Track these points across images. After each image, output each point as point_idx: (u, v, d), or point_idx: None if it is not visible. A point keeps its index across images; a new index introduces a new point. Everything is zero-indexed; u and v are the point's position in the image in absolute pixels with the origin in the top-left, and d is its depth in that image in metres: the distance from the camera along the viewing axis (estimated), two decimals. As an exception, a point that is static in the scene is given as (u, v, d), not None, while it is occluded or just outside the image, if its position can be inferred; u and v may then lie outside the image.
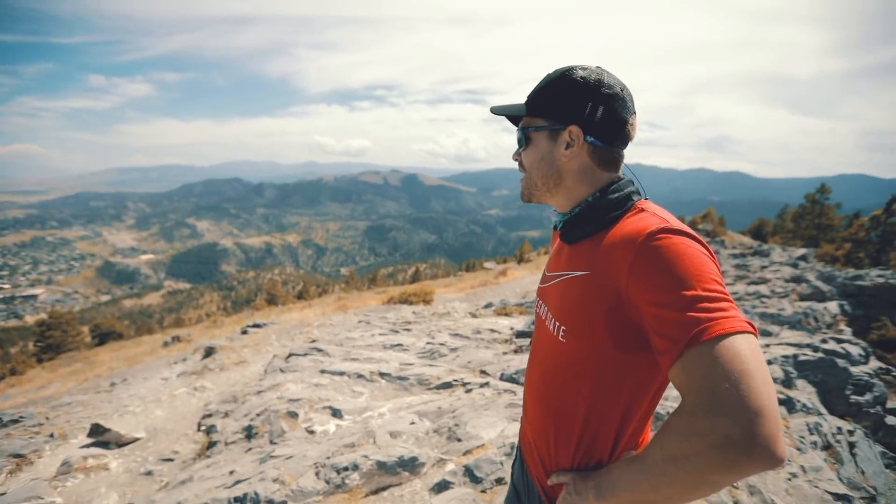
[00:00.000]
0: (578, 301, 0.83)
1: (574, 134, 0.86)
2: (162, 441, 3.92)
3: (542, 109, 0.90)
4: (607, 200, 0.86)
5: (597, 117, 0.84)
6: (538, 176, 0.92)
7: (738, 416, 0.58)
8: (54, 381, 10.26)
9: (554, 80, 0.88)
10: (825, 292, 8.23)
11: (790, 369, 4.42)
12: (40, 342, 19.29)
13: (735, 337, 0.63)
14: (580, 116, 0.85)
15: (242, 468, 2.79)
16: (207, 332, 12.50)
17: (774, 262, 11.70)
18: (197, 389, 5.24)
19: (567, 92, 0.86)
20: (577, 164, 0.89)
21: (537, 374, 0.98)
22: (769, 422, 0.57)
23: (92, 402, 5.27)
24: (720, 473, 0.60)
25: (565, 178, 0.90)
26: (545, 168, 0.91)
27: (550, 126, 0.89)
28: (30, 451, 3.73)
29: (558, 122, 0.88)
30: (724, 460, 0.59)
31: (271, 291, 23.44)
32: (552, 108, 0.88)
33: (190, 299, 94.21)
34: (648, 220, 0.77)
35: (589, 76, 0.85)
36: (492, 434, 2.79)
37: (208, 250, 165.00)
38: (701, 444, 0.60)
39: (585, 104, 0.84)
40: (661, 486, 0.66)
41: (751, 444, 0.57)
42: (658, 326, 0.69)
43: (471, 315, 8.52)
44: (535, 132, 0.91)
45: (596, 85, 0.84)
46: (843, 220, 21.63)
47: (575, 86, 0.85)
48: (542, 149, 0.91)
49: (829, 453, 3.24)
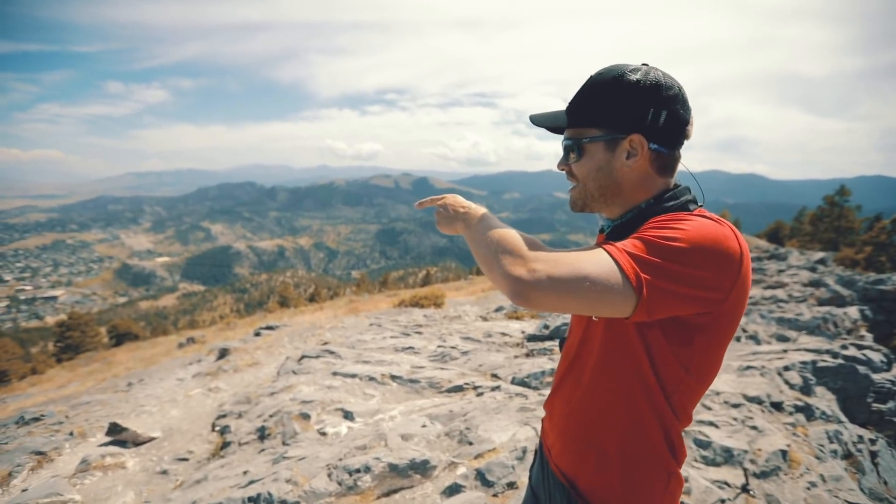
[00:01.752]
0: None
1: (636, 143, 0.82)
2: (177, 441, 3.99)
3: (596, 118, 0.84)
4: (662, 209, 0.83)
5: (660, 123, 0.80)
6: (594, 187, 0.87)
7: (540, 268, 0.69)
8: (73, 380, 10.50)
9: (605, 85, 0.82)
10: (845, 297, 8.04)
11: (809, 376, 4.32)
12: (60, 342, 19.76)
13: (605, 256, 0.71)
14: (642, 124, 0.80)
15: (256, 468, 2.82)
16: (221, 334, 12.67)
17: (792, 266, 11.46)
18: (211, 390, 5.31)
19: (624, 98, 0.80)
20: (638, 173, 0.84)
21: (567, 365, 0.99)
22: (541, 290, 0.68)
23: (110, 401, 5.38)
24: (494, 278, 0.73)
25: (624, 188, 0.86)
26: (603, 179, 0.86)
27: (608, 136, 0.83)
28: (50, 448, 3.82)
29: (617, 130, 0.82)
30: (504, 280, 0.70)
31: (283, 294, 23.69)
32: (608, 117, 0.83)
33: (204, 301, 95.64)
34: None
35: (645, 78, 0.80)
36: (503, 438, 2.78)
37: (222, 253, 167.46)
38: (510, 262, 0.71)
39: (647, 110, 0.80)
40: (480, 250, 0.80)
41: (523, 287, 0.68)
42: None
43: (482, 318, 8.50)
44: (591, 143, 0.85)
45: (655, 88, 0.79)
46: (863, 222, 21.12)
47: (632, 90, 0.80)
48: (598, 159, 0.85)
49: (850, 462, 3.16)
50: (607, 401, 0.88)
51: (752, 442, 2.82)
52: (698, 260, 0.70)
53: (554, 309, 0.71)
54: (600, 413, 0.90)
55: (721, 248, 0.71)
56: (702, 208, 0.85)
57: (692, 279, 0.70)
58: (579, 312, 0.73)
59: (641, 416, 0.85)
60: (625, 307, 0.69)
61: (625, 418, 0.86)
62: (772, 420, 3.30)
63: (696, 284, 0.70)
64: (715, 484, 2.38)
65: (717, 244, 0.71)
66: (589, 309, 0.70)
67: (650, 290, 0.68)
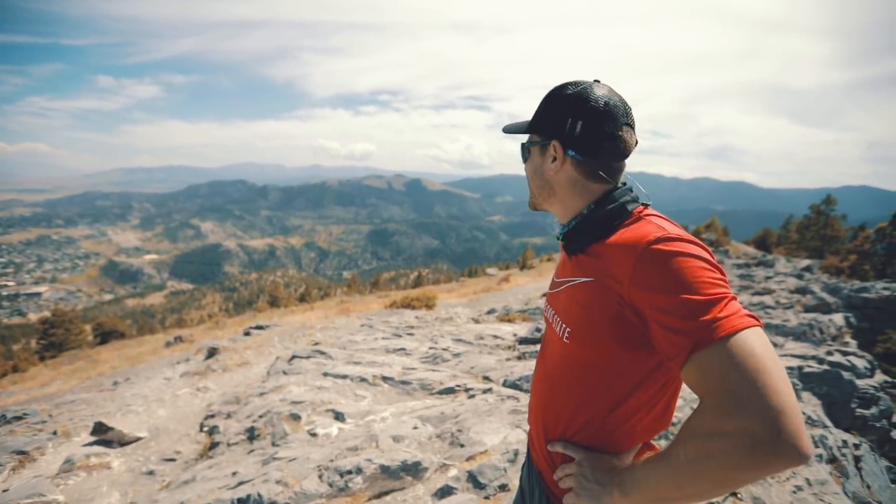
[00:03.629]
0: (582, 306, 0.87)
1: (554, 149, 0.90)
2: (164, 441, 3.93)
3: (536, 125, 0.94)
4: (603, 212, 0.88)
5: (576, 132, 0.86)
6: (534, 187, 0.99)
7: (761, 416, 0.59)
8: (56, 378, 10.29)
9: (547, 96, 0.92)
10: (830, 304, 8.18)
11: (795, 381, 4.39)
12: (43, 340, 19.36)
13: (744, 333, 0.64)
14: (561, 131, 0.88)
15: (245, 469, 2.79)
16: (210, 333, 12.52)
17: (779, 273, 11.64)
18: (200, 390, 5.25)
19: (553, 108, 0.89)
20: (563, 177, 0.92)
21: (542, 374, 1.02)
22: (792, 418, 0.58)
23: (95, 400, 5.29)
24: (747, 472, 0.61)
25: (557, 191, 0.94)
26: (538, 180, 0.96)
27: (541, 141, 0.93)
28: (33, 448, 3.74)
29: (546, 137, 0.92)
30: (751, 460, 0.60)
31: (273, 293, 23.46)
32: (542, 124, 0.92)
33: (192, 300, 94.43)
34: (646, 228, 0.80)
35: (575, 91, 0.87)
36: (495, 440, 2.79)
37: (212, 251, 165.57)
38: (726, 445, 0.61)
39: (566, 119, 0.87)
40: (687, 485, 0.67)
41: (776, 442, 0.58)
42: (663, 333, 0.71)
43: (473, 321, 8.50)
44: (531, 146, 0.96)
45: (577, 100, 0.86)
46: (848, 231, 21.54)
47: (560, 101, 0.88)
48: (535, 162, 0.96)
49: (835, 467, 3.21)
50: (576, 395, 0.91)
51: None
52: (713, 277, 0.72)
53: None
54: (570, 405, 0.92)
55: (701, 261, 0.74)
56: (644, 206, 0.89)
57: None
58: None
59: (602, 415, 0.88)
60: None
61: (595, 412, 0.89)
62: (759, 424, 3.34)
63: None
64: (704, 487, 2.40)
65: (698, 262, 0.73)
66: None
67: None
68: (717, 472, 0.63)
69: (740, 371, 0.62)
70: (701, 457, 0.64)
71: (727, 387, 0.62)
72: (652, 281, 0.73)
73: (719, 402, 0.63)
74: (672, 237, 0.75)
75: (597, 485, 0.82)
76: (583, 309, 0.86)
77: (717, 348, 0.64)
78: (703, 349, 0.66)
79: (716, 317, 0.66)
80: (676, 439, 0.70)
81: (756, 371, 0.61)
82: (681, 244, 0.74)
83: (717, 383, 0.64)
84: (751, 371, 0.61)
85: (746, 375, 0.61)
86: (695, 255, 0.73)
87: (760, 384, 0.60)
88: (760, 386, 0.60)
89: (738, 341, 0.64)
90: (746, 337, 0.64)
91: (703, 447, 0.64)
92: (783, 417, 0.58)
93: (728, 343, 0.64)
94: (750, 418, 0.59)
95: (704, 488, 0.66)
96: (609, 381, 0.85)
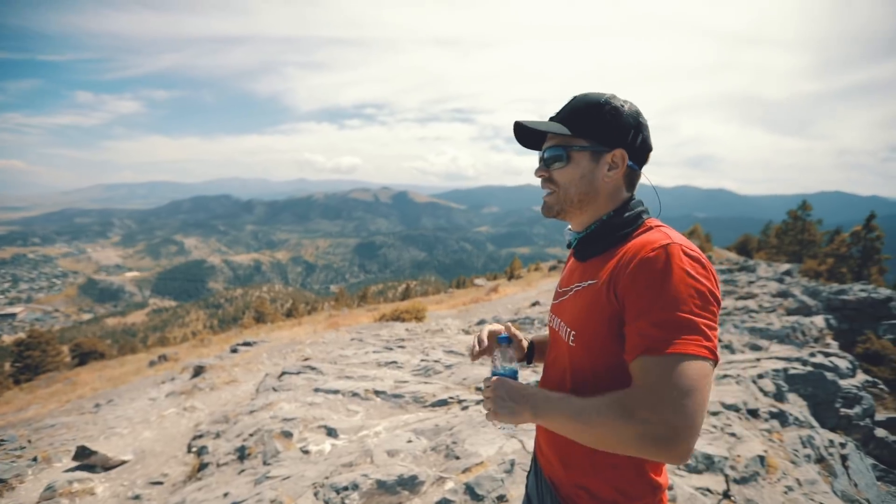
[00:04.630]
0: (587, 308, 0.91)
1: (619, 157, 0.94)
2: (151, 463, 3.81)
3: (586, 130, 0.95)
4: (621, 219, 0.95)
5: (637, 144, 0.95)
6: (575, 193, 0.97)
7: (670, 423, 0.73)
8: (34, 402, 9.91)
9: (594, 104, 0.95)
10: (811, 307, 8.39)
11: (781, 383, 4.48)
12: (18, 363, 18.66)
13: (693, 361, 0.75)
14: (624, 142, 0.94)
15: (237, 490, 2.73)
16: (195, 351, 12.24)
17: (761, 278, 11.91)
18: (187, 410, 5.12)
19: (613, 118, 0.94)
20: (612, 184, 0.97)
21: (552, 380, 1.04)
22: (691, 436, 0.73)
23: (76, 423, 5.11)
24: (635, 450, 0.76)
25: (599, 197, 0.97)
26: (584, 186, 0.96)
27: (594, 147, 0.95)
28: (11, 475, 3.59)
29: (604, 144, 0.94)
30: (641, 444, 0.75)
31: (259, 309, 23.08)
32: (598, 131, 0.94)
33: (175, 317, 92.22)
34: (656, 236, 0.86)
35: (629, 107, 0.95)
36: (490, 451, 2.78)
37: (195, 267, 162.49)
38: (631, 429, 0.76)
39: (629, 131, 0.94)
40: (584, 434, 0.82)
41: (669, 445, 0.73)
42: (630, 330, 0.81)
43: (464, 332, 8.49)
44: (579, 151, 0.96)
45: (636, 115, 0.95)
46: (824, 235, 22.19)
47: (620, 113, 0.94)
48: (583, 167, 0.96)
49: (823, 466, 3.27)
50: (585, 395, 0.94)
51: (732, 448, 2.90)
52: (698, 297, 0.79)
53: None
54: None
55: (696, 277, 0.80)
56: (654, 218, 0.97)
57: (715, 308, 0.82)
58: None
59: None
60: None
61: None
62: (749, 427, 3.40)
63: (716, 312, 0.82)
64: (698, 491, 2.43)
65: (692, 278, 0.79)
66: None
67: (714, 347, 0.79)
68: (611, 438, 0.78)
69: (672, 385, 0.74)
70: (606, 425, 0.78)
71: (658, 389, 0.75)
72: (643, 284, 0.79)
73: (646, 395, 0.76)
74: (678, 249, 0.80)
75: (512, 402, 0.91)
76: (587, 311, 0.90)
77: (665, 360, 0.76)
78: (653, 355, 0.77)
79: (676, 336, 0.76)
80: (593, 399, 0.82)
81: (684, 390, 0.74)
82: (683, 257, 0.79)
83: (650, 385, 0.76)
84: (680, 389, 0.74)
85: (675, 391, 0.74)
86: (690, 272, 0.78)
87: (683, 402, 0.73)
88: (682, 403, 0.73)
89: (683, 363, 0.75)
90: (691, 362, 0.75)
91: (613, 419, 0.78)
92: (689, 431, 0.72)
93: (675, 360, 0.75)
94: (662, 421, 0.73)
95: (593, 441, 0.82)
96: (616, 382, 0.87)
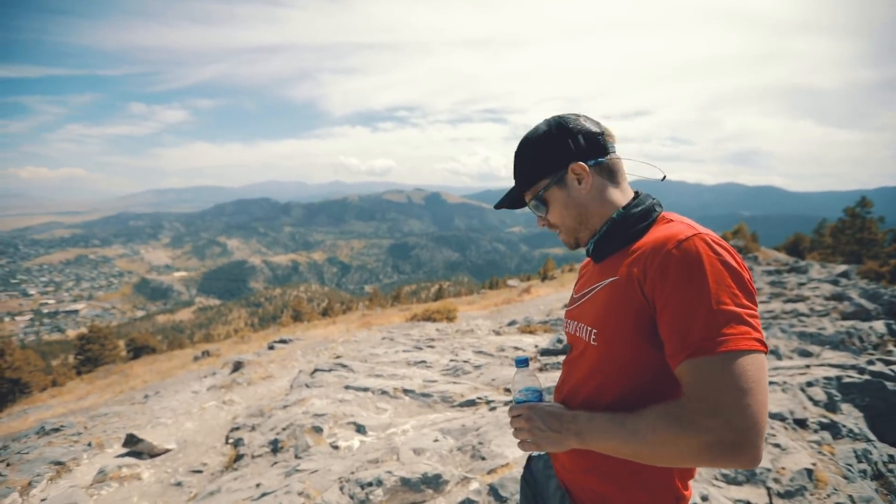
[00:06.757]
0: (608, 305, 0.88)
1: (578, 169, 0.93)
2: (192, 453, 4.01)
3: (536, 174, 0.97)
4: (632, 214, 0.92)
5: (582, 145, 0.93)
6: (572, 220, 0.98)
7: (733, 426, 0.68)
8: (92, 392, 10.67)
9: (527, 147, 0.97)
10: (870, 311, 7.78)
11: (833, 392, 4.17)
12: (80, 355, 20.14)
13: (745, 356, 0.70)
14: (570, 154, 0.93)
15: (268, 481, 2.82)
16: (235, 348, 12.79)
17: (813, 279, 11.16)
18: (225, 403, 5.35)
19: (544, 146, 0.94)
20: (594, 190, 0.95)
21: (570, 385, 0.99)
22: (761, 436, 0.69)
23: (127, 413, 5.46)
24: (706, 461, 0.71)
25: (591, 207, 0.96)
26: (574, 210, 0.96)
27: (554, 178, 0.95)
28: (69, 458, 3.88)
29: (557, 170, 0.94)
30: (710, 456, 0.70)
31: (297, 308, 23.84)
32: (544, 166, 0.95)
33: (219, 315, 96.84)
34: (678, 228, 0.82)
35: (548, 125, 0.95)
36: (516, 453, 2.74)
37: (237, 268, 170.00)
38: (694, 440, 0.70)
39: (565, 143, 0.93)
40: (642, 453, 0.77)
41: (744, 451, 0.68)
42: (671, 330, 0.75)
43: (494, 333, 8.44)
44: (547, 191, 0.97)
45: (560, 128, 0.94)
46: (886, 234, 20.54)
47: (546, 138, 0.94)
48: (560, 199, 0.97)
49: (881, 483, 3.01)
50: (607, 396, 0.90)
51: (776, 460, 2.73)
52: (736, 287, 0.75)
53: None
54: (601, 406, 0.92)
55: (729, 267, 0.76)
56: (668, 212, 0.93)
57: (752, 296, 0.77)
58: None
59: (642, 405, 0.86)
60: None
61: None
62: (795, 438, 3.19)
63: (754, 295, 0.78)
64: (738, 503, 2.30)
65: (726, 267, 0.75)
66: None
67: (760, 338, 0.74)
68: (675, 453, 0.73)
69: (729, 386, 0.69)
70: (665, 440, 0.73)
71: (713, 393, 0.70)
72: (675, 278, 0.75)
73: (701, 402, 0.71)
74: (704, 238, 0.77)
75: (552, 431, 0.88)
76: (608, 307, 0.87)
77: (717, 360, 0.70)
78: (702, 356, 0.71)
79: (723, 332, 0.71)
80: (647, 413, 0.77)
81: (744, 390, 0.69)
82: (713, 246, 0.76)
83: (705, 389, 0.71)
84: (738, 389, 0.69)
85: (733, 391, 0.69)
86: (723, 262, 0.74)
87: (744, 402, 0.68)
88: (744, 404, 0.68)
89: (737, 360, 0.70)
90: (745, 358, 0.70)
91: (671, 431, 0.72)
92: (753, 433, 0.68)
93: (727, 358, 0.70)
94: (725, 423, 0.68)
95: (653, 459, 0.77)
96: (639, 379, 0.84)
